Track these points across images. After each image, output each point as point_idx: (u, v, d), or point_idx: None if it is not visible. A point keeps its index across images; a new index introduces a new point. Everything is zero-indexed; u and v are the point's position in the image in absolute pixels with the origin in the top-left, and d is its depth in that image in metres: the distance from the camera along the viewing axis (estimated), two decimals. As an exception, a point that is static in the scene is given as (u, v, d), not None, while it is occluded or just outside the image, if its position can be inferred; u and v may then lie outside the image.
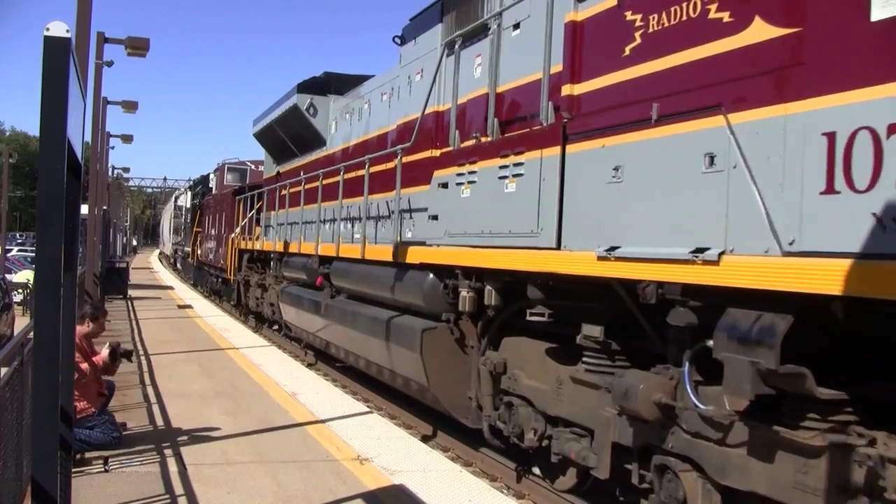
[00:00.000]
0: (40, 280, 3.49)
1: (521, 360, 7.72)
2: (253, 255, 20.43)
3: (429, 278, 8.90)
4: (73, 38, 3.59)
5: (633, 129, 5.57)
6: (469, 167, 7.98)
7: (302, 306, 14.46)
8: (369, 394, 12.55)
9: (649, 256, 5.24)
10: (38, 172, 3.47)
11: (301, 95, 15.43)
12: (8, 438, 5.04)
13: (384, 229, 11.03)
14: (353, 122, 13.59)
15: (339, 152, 14.20)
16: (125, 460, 7.61)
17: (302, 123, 15.76)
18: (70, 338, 4.87)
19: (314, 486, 7.10)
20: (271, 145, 19.54)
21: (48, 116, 3.35)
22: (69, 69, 3.39)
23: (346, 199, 12.45)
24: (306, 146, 16.47)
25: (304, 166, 16.31)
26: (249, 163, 29.02)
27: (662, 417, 5.46)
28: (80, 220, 5.60)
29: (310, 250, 13.71)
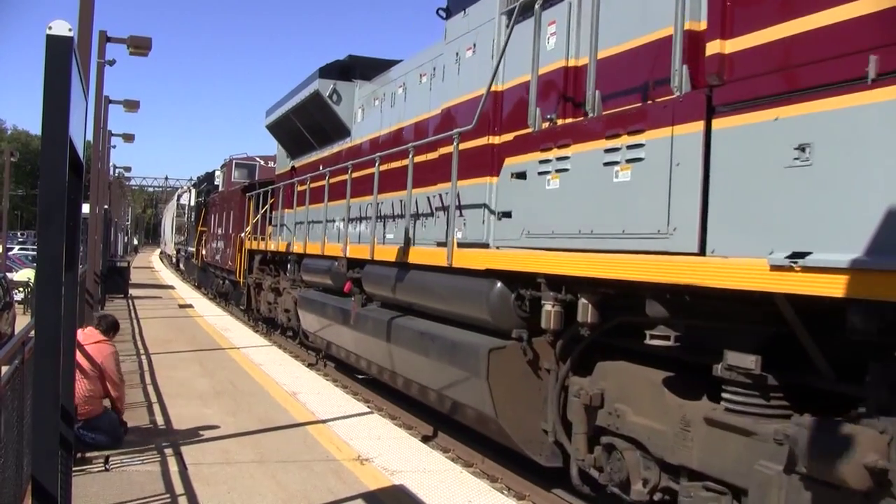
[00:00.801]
0: (41, 279, 3.48)
1: (625, 391, 6.20)
2: (266, 256, 19.07)
3: (496, 287, 7.54)
4: (76, 37, 3.59)
5: (832, 93, 4.17)
6: (558, 152, 6.52)
7: (325, 314, 13.20)
8: (370, 394, 12.54)
9: (872, 267, 3.82)
10: (40, 171, 3.47)
11: (323, 80, 14.02)
12: (8, 437, 5.04)
13: (425, 229, 9.87)
14: (384, 109, 12.27)
15: (366, 143, 12.92)
16: (126, 459, 7.61)
17: (324, 112, 14.40)
18: (71, 337, 4.87)
19: (314, 486, 7.10)
20: (286, 137, 18.13)
21: (50, 115, 3.35)
22: (71, 68, 3.39)
23: (382, 195, 11.10)
24: (327, 137, 15.14)
25: (325, 159, 15.06)
26: (258, 158, 27.49)
27: (873, 486, 4.08)
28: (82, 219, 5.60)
29: (336, 252, 12.43)
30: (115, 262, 30.14)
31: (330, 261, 12.83)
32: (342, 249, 12.04)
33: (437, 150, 9.33)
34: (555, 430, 7.14)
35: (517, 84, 7.84)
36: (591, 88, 6.24)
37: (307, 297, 14.50)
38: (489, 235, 8.03)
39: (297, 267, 15.76)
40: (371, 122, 12.88)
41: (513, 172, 7.26)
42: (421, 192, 9.83)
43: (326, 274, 13.08)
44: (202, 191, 36.26)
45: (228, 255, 23.97)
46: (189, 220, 42.72)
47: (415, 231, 9.96)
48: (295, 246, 15.55)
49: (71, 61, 3.39)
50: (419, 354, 9.09)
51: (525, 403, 7.39)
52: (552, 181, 6.63)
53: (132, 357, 14.04)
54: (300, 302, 15.01)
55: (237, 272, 21.71)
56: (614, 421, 6.21)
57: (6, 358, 5.07)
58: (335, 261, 12.40)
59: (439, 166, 9.16)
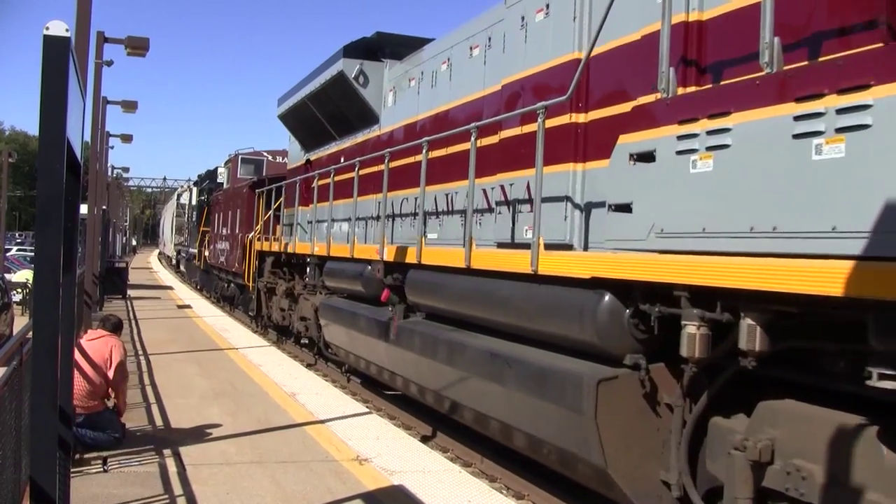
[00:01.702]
0: (39, 280, 3.48)
1: (810, 443, 4.66)
2: (280, 258, 17.30)
3: (604, 301, 6.00)
4: (73, 38, 3.59)
5: None
6: (710, 123, 4.99)
7: (355, 326, 11.60)
8: (368, 394, 12.54)
9: None
10: (38, 172, 3.47)
11: (349, 61, 12.43)
12: (6, 438, 5.03)
13: (480, 227, 8.51)
14: (423, 91, 10.81)
15: (399, 130, 11.53)
16: (124, 460, 7.61)
17: (348, 96, 12.90)
18: (69, 338, 4.86)
19: (313, 487, 7.09)
20: (301, 128, 16.50)
21: (48, 116, 3.34)
22: (69, 69, 3.39)
23: (432, 186, 9.62)
24: (349, 126, 13.65)
25: (347, 151, 13.66)
26: (266, 153, 25.48)
27: None
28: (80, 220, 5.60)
29: (369, 255, 10.90)
30: (113, 263, 30.13)
31: (361, 265, 11.36)
32: (378, 252, 10.44)
33: (498, 133, 8.05)
34: (680, 483, 5.69)
35: (613, 48, 6.53)
36: (766, 35, 4.67)
37: (332, 306, 12.97)
38: (572, 235, 6.87)
39: (317, 271, 14.18)
40: (406, 105, 11.42)
41: (633, 153, 5.66)
42: (479, 182, 8.55)
43: (357, 280, 11.53)
44: (204, 189, 34.47)
45: (235, 256, 22.45)
46: (190, 220, 40.86)
47: (465, 229, 8.55)
48: (316, 247, 13.81)
49: (68, 62, 3.39)
50: (490, 381, 7.51)
51: (640, 448, 5.91)
52: (701, 162, 5.11)
53: (131, 358, 14.01)
54: (323, 310, 13.46)
55: (245, 275, 20.25)
56: (794, 484, 4.65)
57: (4, 359, 5.06)
58: (368, 265, 11.00)
59: (500, 152, 7.89)
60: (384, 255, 10.27)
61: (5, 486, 5.01)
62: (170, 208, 59.34)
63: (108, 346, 8.36)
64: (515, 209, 7.58)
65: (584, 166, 6.90)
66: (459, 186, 9.04)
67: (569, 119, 6.91)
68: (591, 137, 6.80)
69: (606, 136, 6.36)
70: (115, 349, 8.38)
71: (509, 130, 7.96)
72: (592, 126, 6.82)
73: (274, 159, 24.58)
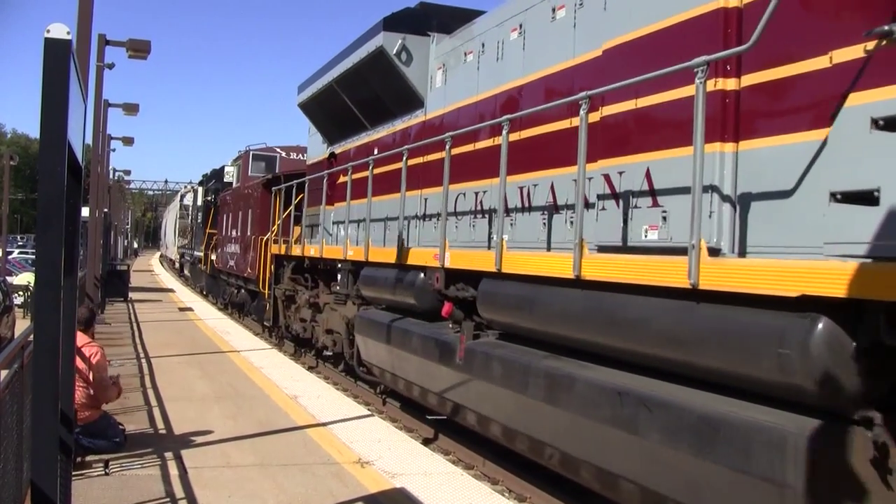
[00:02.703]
0: (41, 283, 3.48)
1: None
2: (303, 263, 15.56)
3: (821, 329, 4.34)
4: (74, 41, 3.59)
5: None
6: None
7: (405, 345, 9.83)
8: (370, 397, 12.52)
9: None
10: (39, 175, 3.47)
11: (390, 35, 10.89)
12: (8, 441, 5.02)
13: (569, 227, 7.12)
14: (485, 66, 9.22)
15: (451, 114, 10.00)
16: (126, 463, 7.60)
17: (387, 77, 11.33)
18: (70, 341, 4.86)
19: (315, 490, 7.09)
20: (326, 117, 14.90)
21: (49, 119, 3.34)
22: (70, 71, 3.39)
23: (516, 176, 7.97)
24: (384, 112, 12.12)
25: (383, 141, 12.18)
26: (279, 149, 23.60)
27: None
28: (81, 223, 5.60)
29: (423, 261, 9.29)
30: (114, 266, 30.16)
31: (410, 272, 9.77)
32: (436, 257, 8.79)
33: (599, 110, 6.63)
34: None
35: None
36: None
37: (371, 320, 11.25)
38: (720, 236, 5.39)
39: (350, 278, 12.41)
40: (460, 84, 9.85)
41: (877, 118, 4.20)
42: (556, 173, 7.36)
43: (405, 290, 9.87)
44: (210, 189, 32.60)
45: (247, 260, 20.79)
46: (195, 222, 38.87)
47: (550, 230, 7.44)
48: (350, 251, 11.97)
49: (69, 65, 3.38)
50: (617, 428, 5.83)
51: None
52: None
53: (132, 361, 14.03)
54: (360, 325, 11.72)
55: (259, 281, 18.65)
56: None
57: (5, 362, 5.05)
58: (420, 272, 9.52)
59: (603, 133, 6.53)
60: (445, 262, 8.61)
61: (7, 489, 5.00)
62: (172, 210, 57.95)
63: (89, 353, 8.14)
64: (628, 203, 6.10)
65: (736, 146, 5.38)
66: (539, 177, 7.64)
67: (714, 86, 5.39)
68: (749, 107, 5.32)
69: (774, 105, 5.12)
70: (94, 357, 8.14)
71: (617, 105, 6.41)
72: (750, 93, 5.31)
73: (288, 156, 22.99)
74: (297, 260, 15.90)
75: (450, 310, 8.84)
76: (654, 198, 5.93)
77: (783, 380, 4.55)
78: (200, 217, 34.66)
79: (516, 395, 7.25)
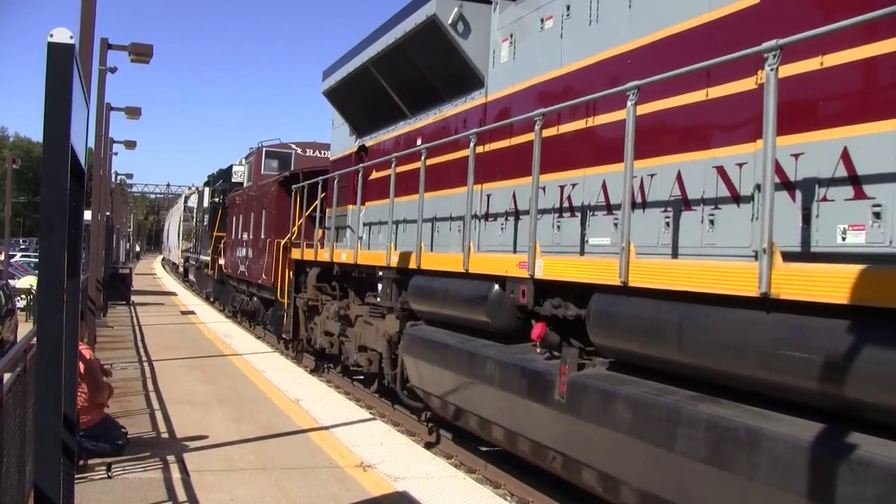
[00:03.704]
0: (43, 286, 3.48)
1: None
2: (332, 270, 13.37)
3: None
4: (77, 45, 3.60)
5: None
6: None
7: (479, 373, 8.00)
8: (373, 400, 12.52)
9: None
10: (42, 178, 3.47)
11: (444, 1, 9.42)
12: (11, 445, 5.03)
13: (712, 229, 5.71)
14: (571, 32, 7.67)
15: (523, 93, 8.42)
16: (128, 467, 7.60)
17: (438, 52, 9.74)
18: (73, 344, 4.86)
19: (317, 493, 7.09)
20: (357, 105, 13.26)
21: (52, 123, 3.35)
22: (73, 75, 3.39)
23: (601, 168, 6.91)
24: (430, 96, 10.47)
25: (429, 129, 10.58)
26: (294, 145, 21.91)
27: None
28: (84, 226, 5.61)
29: (503, 269, 7.62)
30: (117, 269, 30.20)
31: (480, 283, 8.07)
32: (524, 265, 7.13)
33: (755, 74, 5.28)
34: None
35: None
36: None
37: (426, 339, 9.46)
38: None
39: (394, 288, 10.60)
40: (535, 57, 8.30)
41: None
42: (682, 160, 5.97)
43: (473, 304, 8.21)
44: (217, 190, 30.99)
45: (261, 266, 19.35)
46: (200, 225, 36.85)
47: (676, 232, 6.03)
48: (394, 257, 10.20)
49: (72, 69, 3.39)
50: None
51: None
52: None
53: (134, 364, 14.04)
54: (409, 343, 9.96)
55: (277, 289, 17.16)
56: None
57: (8, 365, 5.06)
58: (494, 283, 7.88)
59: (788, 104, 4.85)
60: (536, 271, 6.97)
61: (9, 493, 5.01)
62: (176, 212, 56.50)
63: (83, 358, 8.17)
64: (814, 194, 4.82)
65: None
66: (662, 164, 6.17)
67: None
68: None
69: None
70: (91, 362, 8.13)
71: (792, 66, 4.88)
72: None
73: (304, 152, 21.42)
74: (322, 266, 14.14)
75: (542, 332, 7.03)
76: (857, 186, 4.57)
77: None
78: (207, 219, 32.79)
79: (657, 451, 5.48)
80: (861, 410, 4.21)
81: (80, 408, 7.72)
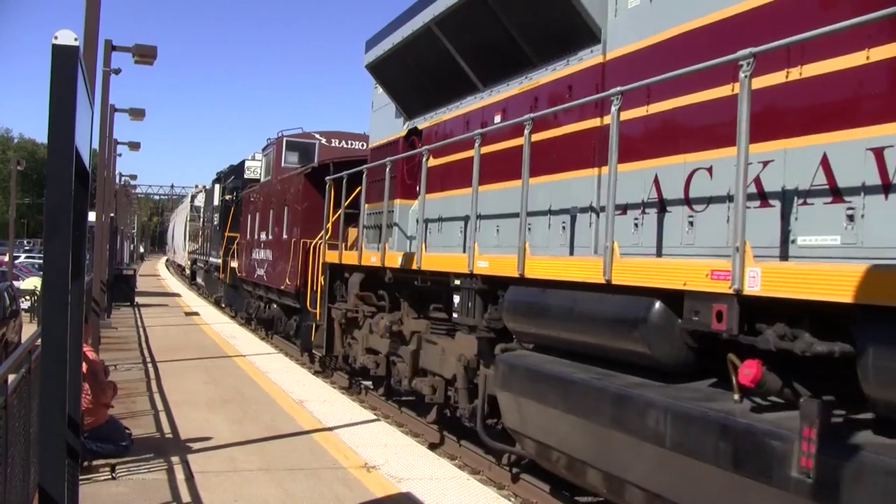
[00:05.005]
0: (48, 287, 3.48)
1: None
2: (385, 277, 10.92)
3: None
4: (82, 47, 3.60)
5: None
6: None
7: (637, 426, 5.63)
8: (376, 402, 12.52)
9: None
10: (46, 180, 3.48)
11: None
12: (15, 446, 5.03)
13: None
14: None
15: (662, 45, 6.27)
16: (132, 467, 7.61)
17: (535, 1, 7.78)
18: (77, 345, 4.87)
19: (321, 494, 7.09)
20: (410, 78, 11.06)
21: (56, 124, 3.35)
22: (77, 77, 3.40)
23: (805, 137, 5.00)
24: (516, 60, 8.36)
25: (513, 101, 8.53)
26: (318, 134, 19.61)
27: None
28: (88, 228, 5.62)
29: (680, 279, 5.34)
30: (121, 270, 30.26)
31: (633, 299, 5.85)
32: (718, 275, 5.03)
33: None
34: None
35: None
36: None
37: (537, 371, 6.97)
38: None
39: (477, 301, 8.32)
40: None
41: None
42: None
43: (624, 328, 5.94)
44: (227, 187, 28.72)
45: (284, 270, 17.31)
46: (209, 225, 33.81)
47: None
48: (480, 261, 8.00)
49: (77, 71, 3.40)
50: None
51: None
52: None
53: (139, 365, 14.07)
54: (509, 375, 7.41)
55: (307, 297, 15.19)
56: None
57: (13, 366, 5.07)
58: (654, 300, 5.67)
59: None
60: (748, 284, 4.79)
61: (14, 493, 5.01)
62: (182, 212, 54.35)
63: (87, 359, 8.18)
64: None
65: None
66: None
67: None
68: None
69: None
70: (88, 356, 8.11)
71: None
72: None
73: (328, 143, 19.28)
74: (367, 272, 11.92)
75: (759, 374, 4.77)
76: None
77: None
78: (217, 218, 30.19)
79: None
80: None
81: (85, 409, 7.75)
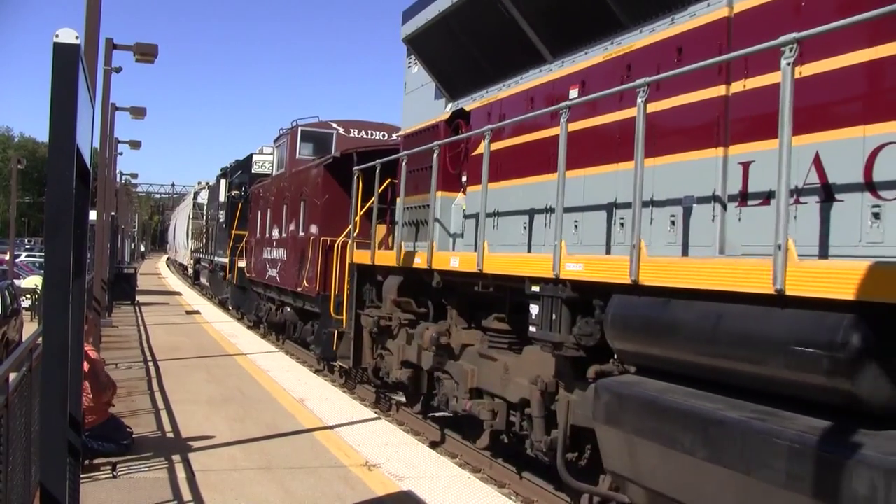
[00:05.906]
0: (49, 286, 3.49)
1: None
2: (434, 281, 9.26)
3: None
4: (83, 45, 3.60)
5: None
6: None
7: (827, 492, 4.01)
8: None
9: None
10: (47, 179, 3.48)
11: None
12: (16, 444, 5.04)
13: None
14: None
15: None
16: (133, 466, 7.61)
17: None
18: (79, 344, 4.87)
19: (322, 493, 7.09)
20: (458, 51, 9.41)
21: (57, 123, 3.35)
22: (78, 76, 3.40)
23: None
24: (600, 22, 6.96)
25: (588, 75, 7.24)
26: (335, 123, 17.93)
27: None
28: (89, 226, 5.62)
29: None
30: (122, 269, 30.25)
31: (814, 316, 4.34)
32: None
33: None
34: None
35: None
36: None
37: (661, 404, 5.36)
38: None
39: (564, 313, 6.76)
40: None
41: None
42: None
43: (804, 359, 4.34)
44: (234, 182, 27.12)
45: (299, 270, 15.97)
46: (214, 222, 31.88)
47: None
48: (567, 263, 6.58)
49: (78, 69, 3.40)
50: None
51: None
52: None
53: (139, 364, 14.07)
54: (617, 407, 5.80)
55: (331, 302, 13.68)
56: None
57: (14, 365, 5.07)
58: (842, 316, 4.18)
59: None
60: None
61: (15, 492, 5.02)
62: (184, 209, 52.06)
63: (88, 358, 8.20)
64: None
65: None
66: None
67: None
68: None
69: None
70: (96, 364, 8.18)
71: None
72: None
73: (347, 133, 17.62)
74: (407, 274, 10.33)
75: None
76: None
77: None
78: (223, 216, 28.19)
79: None
80: None
81: (86, 408, 7.76)
